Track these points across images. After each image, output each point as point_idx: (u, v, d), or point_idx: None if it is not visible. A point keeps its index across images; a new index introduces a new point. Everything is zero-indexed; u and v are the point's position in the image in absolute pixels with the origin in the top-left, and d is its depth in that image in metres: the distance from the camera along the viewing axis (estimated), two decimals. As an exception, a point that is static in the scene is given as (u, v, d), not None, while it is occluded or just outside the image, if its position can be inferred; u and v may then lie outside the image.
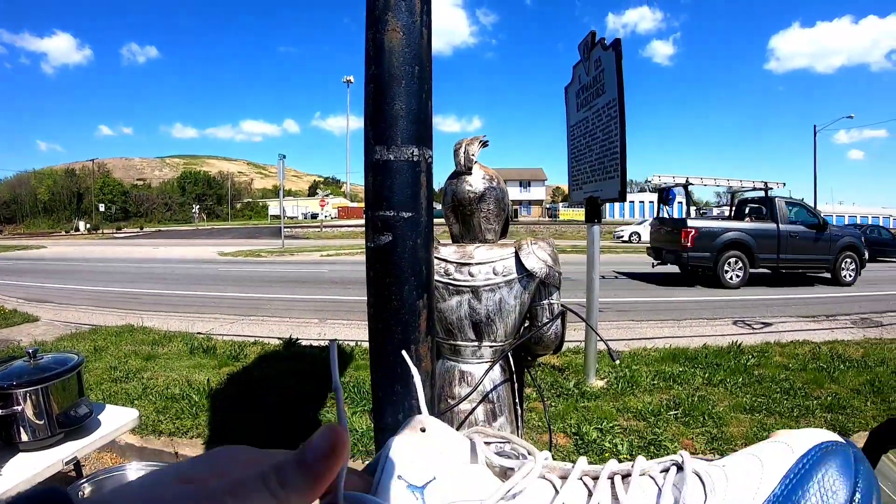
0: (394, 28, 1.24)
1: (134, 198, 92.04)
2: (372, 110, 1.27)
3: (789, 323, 8.85)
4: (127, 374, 5.38)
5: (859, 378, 5.42)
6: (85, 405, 2.27)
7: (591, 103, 5.39)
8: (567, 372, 5.55)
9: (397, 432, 0.51)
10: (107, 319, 8.39)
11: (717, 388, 5.16)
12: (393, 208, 1.25)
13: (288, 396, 4.73)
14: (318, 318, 9.01)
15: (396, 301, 1.27)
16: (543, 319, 2.05)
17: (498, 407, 2.01)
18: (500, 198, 2.05)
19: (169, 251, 26.92)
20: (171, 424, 4.26)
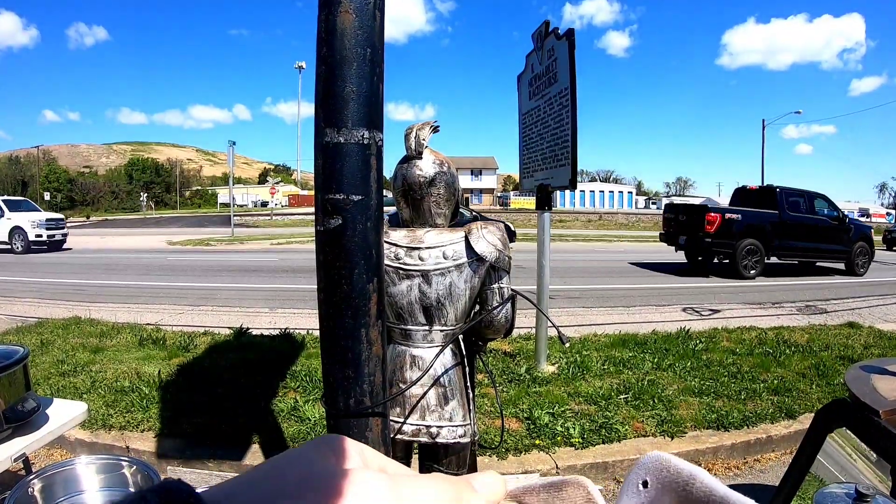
0: (346, 10, 1.23)
1: (80, 186, 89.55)
2: (323, 92, 1.26)
3: (737, 310, 9.07)
4: (75, 367, 5.25)
5: (805, 362, 5.59)
6: (32, 399, 2.22)
7: (544, 92, 5.42)
8: (518, 358, 5.60)
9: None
10: (53, 312, 8.16)
11: (666, 372, 5.26)
12: (343, 191, 1.24)
13: (240, 387, 4.69)
14: (268, 307, 8.92)
15: (347, 285, 1.27)
16: (493, 303, 2.07)
17: (449, 391, 2.02)
18: (451, 182, 2.06)
19: (116, 241, 26.32)
20: (122, 418, 4.18)
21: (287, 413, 4.26)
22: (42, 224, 20.66)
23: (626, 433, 4.02)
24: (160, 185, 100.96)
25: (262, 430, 4.07)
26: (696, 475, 0.37)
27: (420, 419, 2.01)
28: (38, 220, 20.82)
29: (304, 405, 4.34)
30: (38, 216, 21.48)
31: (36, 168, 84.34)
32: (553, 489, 0.39)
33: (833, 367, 5.40)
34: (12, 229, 20.59)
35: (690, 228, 13.75)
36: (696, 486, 0.36)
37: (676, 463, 0.38)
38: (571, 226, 42.40)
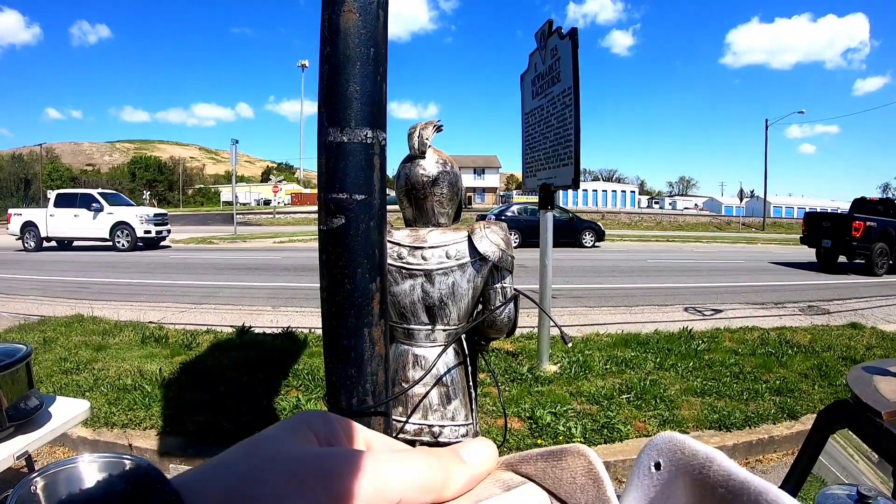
0: (350, 9, 1.23)
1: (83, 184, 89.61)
2: (326, 91, 1.26)
3: (739, 310, 9.05)
4: (77, 365, 5.26)
5: (807, 363, 5.58)
6: (35, 397, 2.22)
7: (547, 91, 5.42)
8: (521, 357, 5.60)
9: None
10: (56, 310, 8.18)
11: (668, 372, 5.26)
12: (346, 191, 1.24)
13: (242, 385, 4.69)
14: (271, 306, 8.92)
15: (350, 284, 1.27)
16: (496, 303, 2.07)
17: (452, 390, 2.02)
18: (454, 182, 2.06)
19: (119, 239, 26.36)
20: (124, 416, 4.19)
21: (289, 411, 4.27)
22: (151, 219, 19.74)
23: (629, 433, 4.02)
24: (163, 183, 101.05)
25: (265, 428, 4.07)
26: (713, 457, 0.35)
27: (422, 418, 2.01)
28: (145, 214, 19.89)
29: (307, 404, 4.35)
30: (145, 210, 20.60)
31: (39, 166, 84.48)
32: (552, 458, 0.38)
33: (835, 367, 5.40)
34: (115, 225, 19.42)
35: (835, 233, 15.51)
36: (713, 468, 0.34)
37: (692, 444, 0.37)
38: (574, 225, 42.36)
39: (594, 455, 0.37)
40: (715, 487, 0.34)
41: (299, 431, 0.35)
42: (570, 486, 0.37)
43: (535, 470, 0.39)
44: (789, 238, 34.10)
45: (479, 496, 0.36)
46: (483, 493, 0.36)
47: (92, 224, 19.44)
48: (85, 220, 19.47)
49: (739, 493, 0.32)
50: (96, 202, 19.62)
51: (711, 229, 42.58)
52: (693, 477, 0.35)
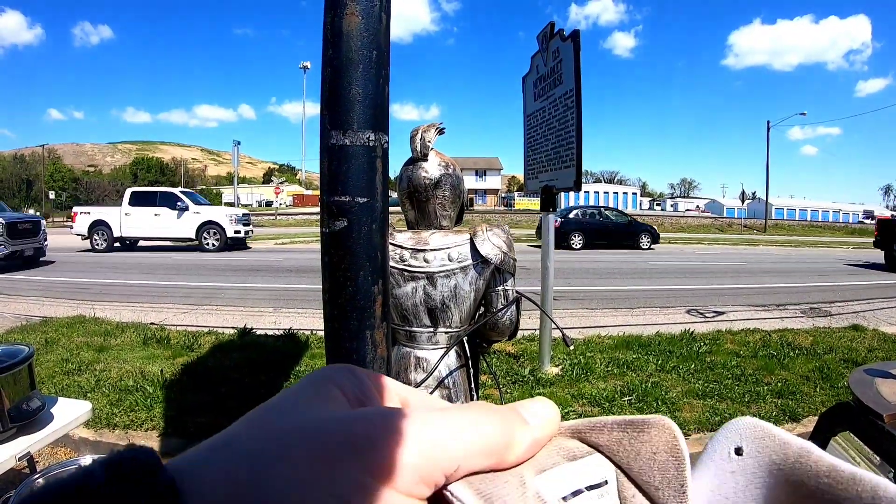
0: (352, 12, 1.23)
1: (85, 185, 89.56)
2: (328, 94, 1.26)
3: (740, 312, 9.04)
4: (79, 366, 5.26)
5: (808, 365, 5.57)
6: (37, 398, 2.22)
7: (549, 93, 5.42)
8: (522, 359, 5.60)
9: None
10: (57, 311, 8.19)
11: (669, 374, 5.26)
12: (348, 193, 1.24)
13: (244, 386, 4.69)
14: (272, 307, 8.92)
15: (352, 287, 1.27)
16: (498, 305, 2.07)
17: (454, 392, 2.03)
18: (456, 184, 2.06)
19: (120, 240, 26.36)
20: (126, 417, 4.20)
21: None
22: (240, 219, 19.28)
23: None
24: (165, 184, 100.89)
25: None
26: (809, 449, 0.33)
27: None
28: (234, 214, 19.37)
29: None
30: (233, 210, 20.08)
31: (41, 167, 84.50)
32: (632, 429, 0.34)
33: (837, 370, 5.39)
34: (203, 224, 18.86)
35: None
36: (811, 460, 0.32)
37: (781, 433, 0.34)
38: (575, 227, 42.28)
39: (678, 430, 0.34)
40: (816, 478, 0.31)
41: (322, 390, 0.30)
42: (649, 463, 0.34)
43: (609, 440, 0.35)
44: (791, 240, 34.11)
45: (542, 464, 0.32)
46: (547, 462, 0.32)
47: (176, 224, 18.82)
48: (168, 220, 18.79)
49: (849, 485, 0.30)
50: (180, 201, 18.92)
51: (713, 231, 42.55)
52: (784, 467, 0.33)
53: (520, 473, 0.30)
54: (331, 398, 0.29)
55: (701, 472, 0.36)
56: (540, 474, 0.31)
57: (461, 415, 0.29)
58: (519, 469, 0.30)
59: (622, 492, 0.33)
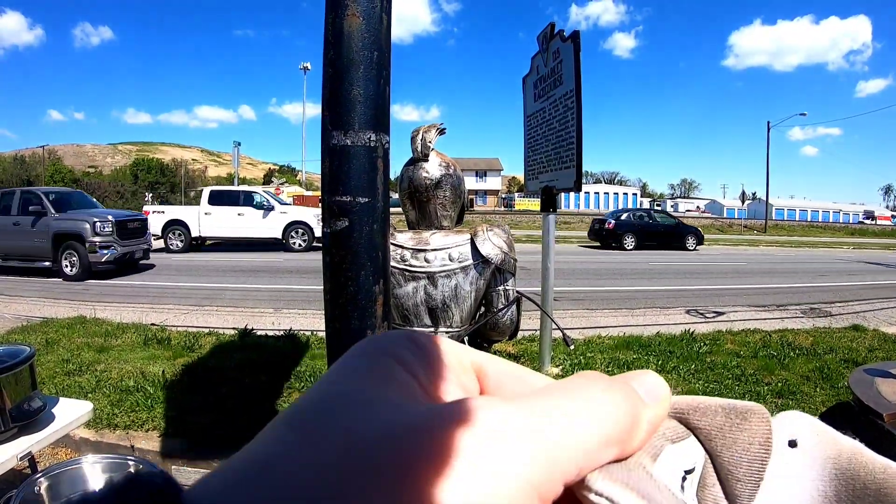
0: (353, 13, 1.24)
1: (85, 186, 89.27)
2: (329, 95, 1.26)
3: (741, 312, 9.04)
4: (80, 366, 5.27)
5: (809, 365, 5.58)
6: (38, 398, 2.22)
7: (549, 94, 5.42)
8: (522, 360, 5.61)
9: None
10: (58, 311, 8.19)
11: (670, 374, 5.26)
12: (350, 193, 1.25)
13: (244, 387, 4.70)
14: (273, 308, 8.93)
15: (353, 286, 1.28)
16: (499, 305, 2.07)
17: (454, 392, 2.03)
18: (457, 185, 2.06)
19: (121, 241, 26.33)
20: (127, 417, 4.20)
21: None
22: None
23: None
24: (165, 185, 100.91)
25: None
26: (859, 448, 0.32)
27: None
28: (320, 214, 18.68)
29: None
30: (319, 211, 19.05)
31: (41, 168, 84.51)
32: (735, 415, 0.31)
33: (837, 370, 5.39)
34: (290, 224, 18.43)
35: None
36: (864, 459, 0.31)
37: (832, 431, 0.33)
38: (576, 228, 42.21)
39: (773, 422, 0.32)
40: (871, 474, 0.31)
41: (383, 371, 0.23)
42: (742, 453, 0.31)
43: (711, 425, 0.32)
44: (791, 240, 34.11)
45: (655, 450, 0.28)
46: (656, 446, 0.28)
47: (261, 224, 18.36)
48: (252, 220, 18.35)
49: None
50: (266, 201, 18.61)
51: (713, 231, 42.47)
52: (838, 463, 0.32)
53: (640, 462, 0.26)
54: (398, 383, 0.23)
55: None
56: (656, 461, 0.27)
57: (573, 395, 0.23)
58: (636, 457, 0.26)
59: (704, 480, 0.31)
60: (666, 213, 27.39)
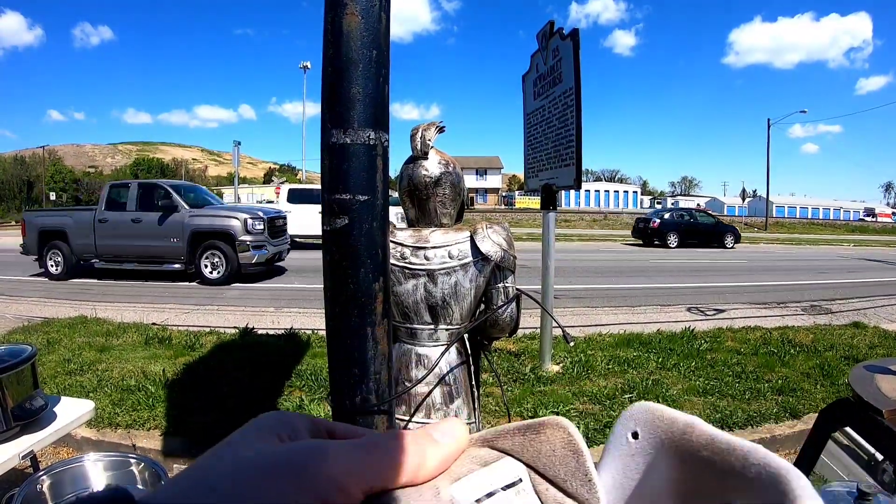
0: (352, 12, 1.24)
1: (86, 186, 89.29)
2: (329, 93, 1.27)
3: (741, 310, 9.05)
4: (81, 366, 5.28)
5: (809, 362, 5.59)
6: (40, 397, 2.23)
7: (548, 92, 5.43)
8: (523, 357, 5.62)
9: None
10: (59, 311, 8.20)
11: (670, 371, 5.27)
12: (349, 192, 1.25)
13: (246, 386, 4.70)
14: (273, 307, 8.93)
15: (353, 284, 1.28)
16: (498, 303, 2.08)
17: (455, 389, 2.04)
18: (456, 182, 2.07)
19: (121, 241, 26.33)
20: (128, 416, 4.21)
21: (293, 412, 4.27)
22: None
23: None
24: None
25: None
26: (693, 423, 0.36)
27: (425, 417, 2.02)
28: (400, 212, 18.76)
29: (310, 404, 4.36)
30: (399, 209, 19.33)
31: (41, 168, 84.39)
32: (530, 431, 0.38)
33: (838, 366, 5.40)
34: None
35: None
36: (694, 434, 0.36)
37: (670, 412, 0.38)
38: (576, 225, 42.23)
39: (573, 427, 0.37)
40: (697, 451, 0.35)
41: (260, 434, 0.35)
42: (550, 459, 0.37)
43: (513, 445, 0.38)
44: (791, 238, 34.11)
45: (457, 474, 0.36)
46: (461, 471, 0.36)
47: None
48: None
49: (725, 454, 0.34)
50: None
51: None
52: (674, 444, 0.37)
53: (435, 485, 0.34)
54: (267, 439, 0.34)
55: (608, 458, 0.40)
56: (455, 483, 0.35)
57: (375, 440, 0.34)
58: (434, 481, 0.34)
59: (536, 486, 0.37)
60: (706, 213, 28.29)
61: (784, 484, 0.30)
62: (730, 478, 0.33)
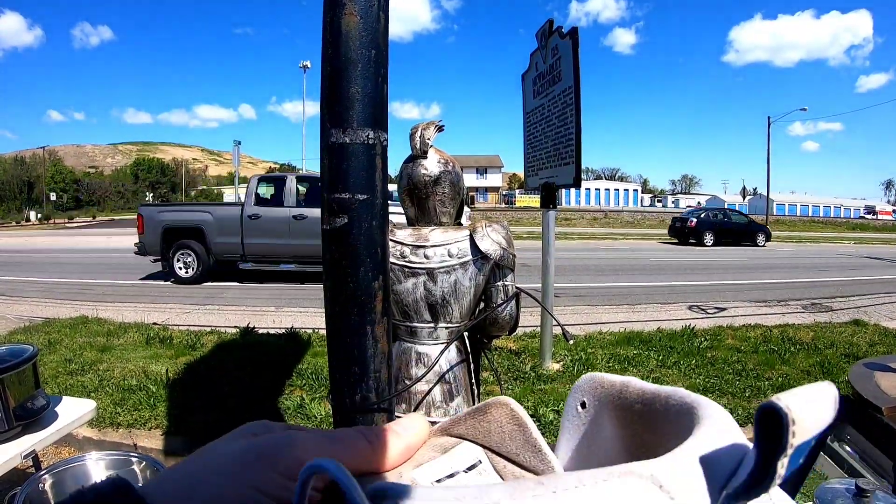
0: (351, 12, 1.25)
1: (86, 186, 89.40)
2: (328, 93, 1.27)
3: (742, 308, 9.04)
4: (82, 366, 5.28)
5: (809, 360, 5.59)
6: (42, 397, 2.24)
7: (548, 90, 5.43)
8: (524, 356, 5.62)
9: None
10: (60, 312, 8.20)
11: (671, 369, 5.27)
12: (349, 191, 1.26)
13: (246, 385, 4.71)
14: (274, 306, 8.93)
15: (352, 283, 1.29)
16: (498, 301, 2.09)
17: (454, 387, 2.04)
18: (455, 181, 2.07)
19: (122, 240, 26.33)
20: (129, 416, 4.21)
21: (293, 411, 4.28)
22: None
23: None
24: (166, 184, 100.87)
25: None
26: (627, 382, 0.39)
27: (425, 415, 2.03)
28: None
29: (311, 403, 4.36)
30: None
31: (42, 168, 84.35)
32: (478, 414, 0.41)
33: (838, 364, 5.40)
34: None
35: None
36: (629, 391, 0.39)
37: (609, 377, 0.41)
38: (577, 224, 42.22)
39: (515, 403, 0.40)
40: (632, 405, 0.38)
41: (241, 434, 0.38)
42: (499, 436, 0.40)
43: (466, 429, 0.41)
44: (792, 236, 34.09)
45: (419, 460, 0.39)
46: (423, 458, 0.39)
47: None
48: None
49: (652, 401, 0.37)
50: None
51: (714, 227, 42.53)
52: (614, 404, 0.40)
53: (398, 471, 0.37)
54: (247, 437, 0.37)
55: (563, 432, 0.43)
56: (417, 468, 0.38)
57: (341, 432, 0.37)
58: (398, 469, 0.38)
59: (495, 465, 0.40)
60: (739, 213, 28.82)
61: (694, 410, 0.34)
62: (660, 422, 0.36)
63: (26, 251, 19.17)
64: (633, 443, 0.38)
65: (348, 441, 0.36)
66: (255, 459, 0.34)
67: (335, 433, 0.37)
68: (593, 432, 0.41)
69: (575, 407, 0.42)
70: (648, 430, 0.37)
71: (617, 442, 0.40)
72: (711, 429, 0.33)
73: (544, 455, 0.38)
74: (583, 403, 0.42)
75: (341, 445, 0.36)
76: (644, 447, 0.37)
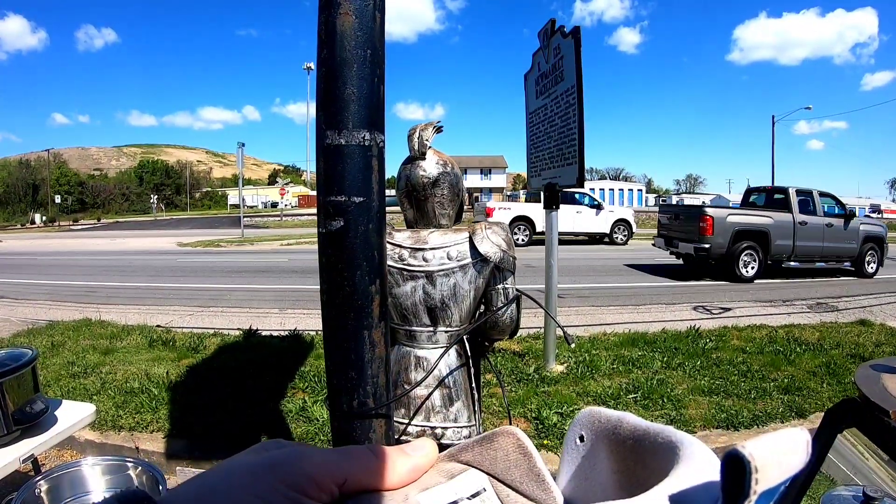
0: (346, 11, 1.23)
1: (91, 188, 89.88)
2: (323, 94, 1.26)
3: (747, 308, 9.02)
4: (85, 368, 5.28)
5: (815, 361, 5.55)
6: (41, 401, 2.23)
7: (550, 90, 5.41)
8: (527, 357, 5.59)
9: None
10: (64, 314, 8.21)
11: (675, 371, 5.24)
12: (344, 193, 1.24)
13: (249, 387, 4.70)
14: (278, 308, 8.94)
15: (349, 287, 1.27)
16: (498, 304, 2.07)
17: (454, 392, 2.02)
18: (454, 183, 2.05)
19: (127, 243, 26.44)
20: (131, 419, 4.20)
21: (296, 413, 4.27)
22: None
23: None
24: (170, 187, 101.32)
25: (271, 430, 4.08)
26: (622, 418, 0.40)
27: (425, 420, 2.01)
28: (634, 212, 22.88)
29: (313, 406, 4.35)
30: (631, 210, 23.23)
31: (46, 171, 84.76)
32: (486, 442, 0.42)
33: (844, 365, 5.37)
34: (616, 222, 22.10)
35: None
36: (623, 427, 0.39)
37: (606, 412, 0.42)
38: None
39: (522, 433, 0.42)
40: (625, 441, 0.39)
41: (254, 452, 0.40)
42: (505, 464, 0.41)
43: (473, 456, 0.43)
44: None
45: (425, 484, 0.40)
46: (429, 482, 0.41)
47: (594, 221, 21.79)
48: (587, 217, 21.69)
49: (643, 438, 0.38)
50: (596, 201, 22.17)
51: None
52: (609, 439, 0.41)
53: (404, 492, 0.39)
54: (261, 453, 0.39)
55: (563, 464, 0.44)
56: (422, 492, 0.39)
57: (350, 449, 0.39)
58: (405, 489, 0.39)
59: (499, 493, 0.41)
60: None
61: (676, 450, 0.35)
62: (649, 459, 0.37)
63: (31, 254, 19.25)
64: (625, 476, 0.39)
65: (356, 457, 0.38)
66: (264, 472, 0.35)
67: (345, 448, 0.39)
68: (591, 464, 0.42)
69: (574, 440, 0.44)
70: (640, 465, 0.38)
71: (612, 475, 0.41)
72: (689, 469, 0.33)
73: (547, 485, 0.40)
74: (581, 437, 0.43)
75: (349, 461, 0.38)
76: (636, 481, 0.38)
